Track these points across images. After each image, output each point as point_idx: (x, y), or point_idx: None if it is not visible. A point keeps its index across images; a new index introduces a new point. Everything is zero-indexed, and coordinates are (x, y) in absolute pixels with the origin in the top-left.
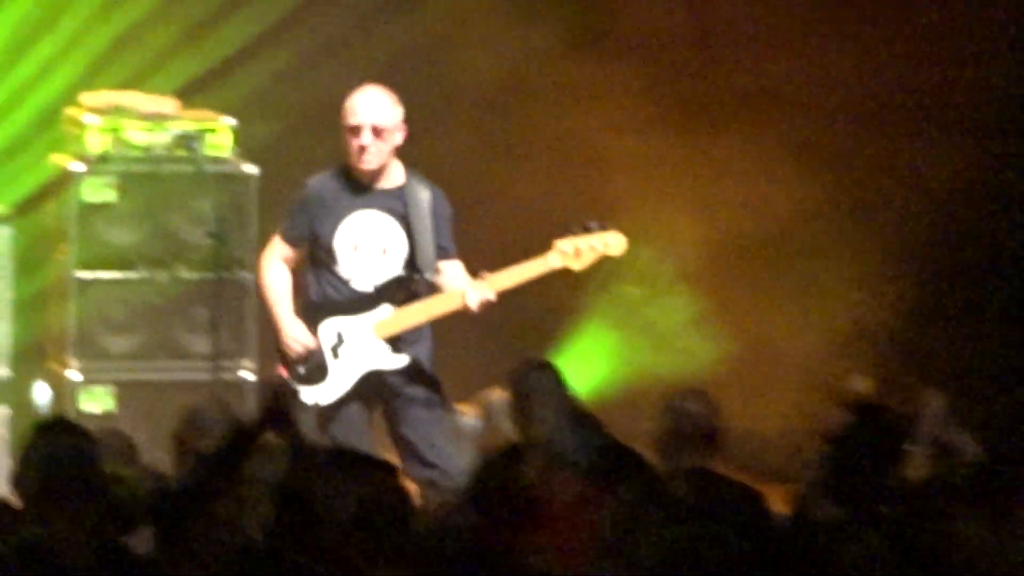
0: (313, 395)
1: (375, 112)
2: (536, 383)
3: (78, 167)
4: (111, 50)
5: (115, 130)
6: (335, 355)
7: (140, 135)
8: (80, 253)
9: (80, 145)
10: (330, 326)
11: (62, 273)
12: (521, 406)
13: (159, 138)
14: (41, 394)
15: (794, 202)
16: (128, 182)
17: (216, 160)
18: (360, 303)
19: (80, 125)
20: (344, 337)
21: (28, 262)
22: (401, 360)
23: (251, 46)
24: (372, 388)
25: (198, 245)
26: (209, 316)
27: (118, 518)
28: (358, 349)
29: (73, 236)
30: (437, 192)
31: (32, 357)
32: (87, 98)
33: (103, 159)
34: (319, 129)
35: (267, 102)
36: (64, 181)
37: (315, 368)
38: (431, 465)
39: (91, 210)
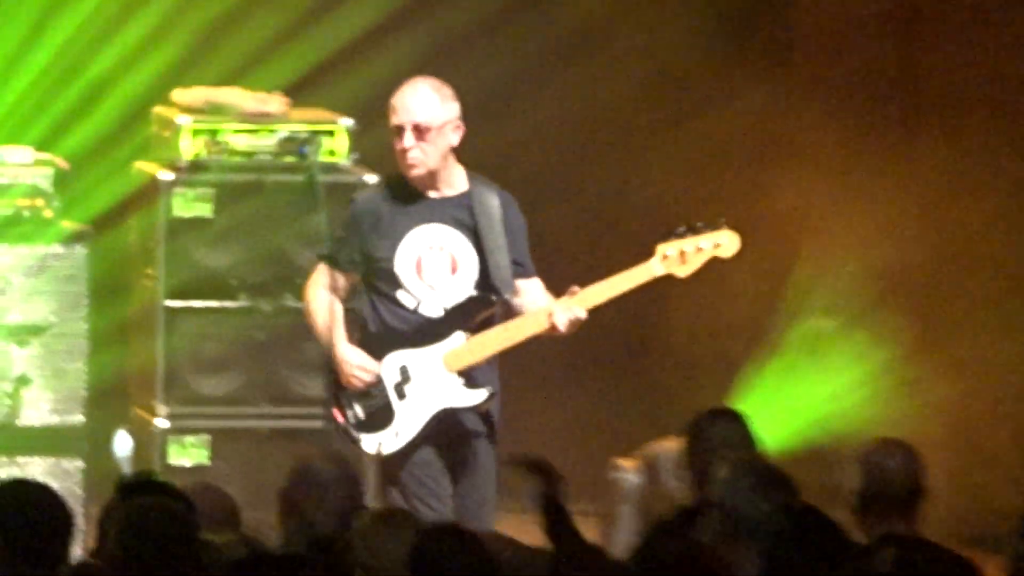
0: (375, 443)
1: (417, 109)
2: (716, 435)
3: (168, 176)
4: (208, 38)
5: (212, 133)
6: (400, 395)
7: (241, 139)
8: (169, 278)
9: (171, 150)
10: (393, 361)
11: (147, 301)
12: (696, 461)
13: (264, 142)
14: (121, 445)
15: (1012, 219)
16: (227, 194)
17: (331, 168)
18: (428, 332)
19: (171, 127)
20: (410, 372)
21: (107, 288)
22: (478, 395)
23: (372, 34)
24: (444, 429)
25: (308, 269)
26: (321, 352)
27: None
28: (427, 385)
29: (161, 258)
30: (507, 198)
31: (111, 401)
32: (179, 95)
33: (197, 167)
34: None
35: (389, 100)
36: (151, 193)
37: (378, 411)
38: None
39: (183, 227)
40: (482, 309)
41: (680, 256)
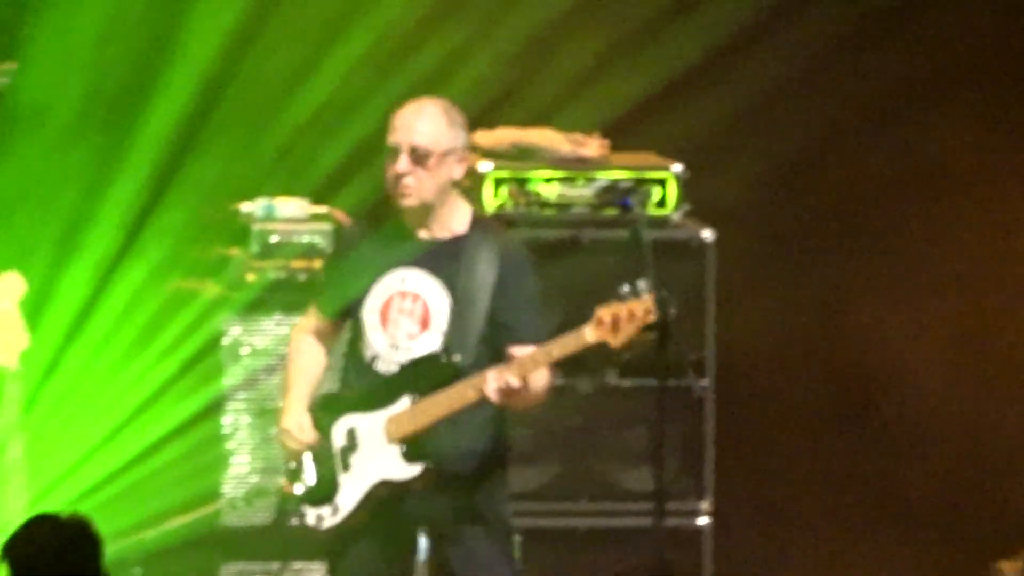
0: (316, 516)
1: (418, 130)
2: None
3: None
4: (514, 69)
5: (520, 181)
6: (345, 465)
7: (554, 188)
8: None
9: (471, 202)
10: (343, 425)
11: None
12: None
13: (580, 192)
14: None
15: None
16: (537, 253)
17: (659, 223)
18: (380, 392)
19: (471, 174)
20: (357, 439)
21: None
22: (412, 469)
23: (703, 67)
24: (384, 508)
25: (633, 340)
26: (649, 440)
27: None
28: (369, 455)
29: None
30: (513, 249)
31: None
32: (481, 136)
33: (502, 221)
34: (790, 177)
35: (723, 143)
36: None
37: (322, 481)
38: None
39: None
40: (437, 370)
41: (613, 323)
